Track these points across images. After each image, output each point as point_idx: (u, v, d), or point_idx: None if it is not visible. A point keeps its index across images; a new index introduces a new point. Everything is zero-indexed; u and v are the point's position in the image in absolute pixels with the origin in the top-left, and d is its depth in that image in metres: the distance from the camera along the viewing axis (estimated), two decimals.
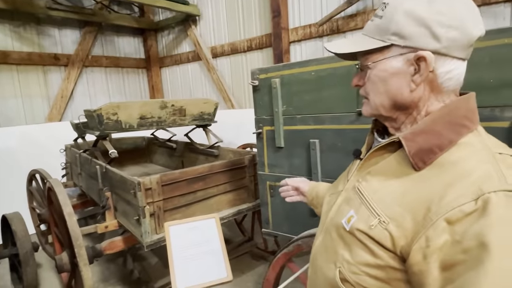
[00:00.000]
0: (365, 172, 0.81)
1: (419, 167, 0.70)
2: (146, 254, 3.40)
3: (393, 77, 0.73)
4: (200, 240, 1.66)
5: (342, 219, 0.80)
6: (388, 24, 0.70)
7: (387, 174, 0.75)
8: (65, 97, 4.70)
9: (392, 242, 0.67)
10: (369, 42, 0.74)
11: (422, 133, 0.71)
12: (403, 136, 0.72)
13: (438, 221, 0.61)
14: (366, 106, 0.82)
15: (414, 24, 0.68)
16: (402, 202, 0.68)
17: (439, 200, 0.62)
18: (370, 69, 0.75)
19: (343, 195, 0.86)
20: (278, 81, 1.81)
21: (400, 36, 0.70)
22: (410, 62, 0.71)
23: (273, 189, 1.99)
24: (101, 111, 2.45)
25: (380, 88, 0.75)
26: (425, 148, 0.69)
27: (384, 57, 0.73)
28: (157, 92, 5.85)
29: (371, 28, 0.75)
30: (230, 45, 4.63)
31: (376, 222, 0.70)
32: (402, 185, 0.71)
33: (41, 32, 4.51)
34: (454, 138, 0.69)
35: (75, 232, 1.90)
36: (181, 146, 3.80)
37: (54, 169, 3.73)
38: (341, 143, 1.65)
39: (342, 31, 3.51)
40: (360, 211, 0.76)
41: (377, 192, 0.75)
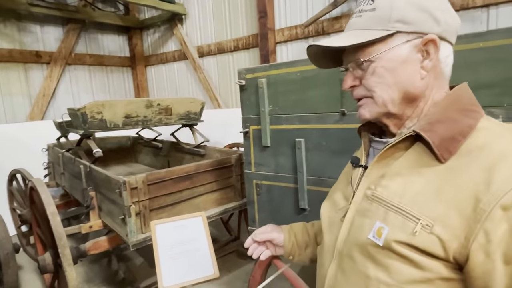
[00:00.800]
0: (377, 177, 0.74)
1: (444, 158, 0.65)
2: (131, 254, 3.37)
3: (403, 66, 0.69)
4: (186, 238, 1.67)
5: (365, 234, 0.70)
6: (389, 13, 0.68)
7: (408, 173, 0.69)
8: (47, 96, 4.60)
9: (442, 247, 0.60)
10: (369, 34, 0.69)
11: (439, 122, 0.67)
12: (421, 129, 0.68)
13: (493, 210, 0.55)
14: (369, 107, 0.75)
15: (416, 10, 0.67)
16: (441, 198, 0.62)
17: (487, 187, 0.57)
18: (373, 62, 0.70)
19: (353, 208, 0.77)
20: (265, 81, 1.84)
21: (404, 22, 0.67)
22: (418, 48, 0.69)
23: (260, 187, 2.01)
24: (85, 110, 2.42)
25: (389, 80, 0.70)
26: (448, 137, 0.65)
27: (390, 47, 0.69)
28: (143, 91, 5.79)
29: (364, 22, 0.71)
30: (216, 45, 4.63)
31: (418, 227, 0.61)
32: (432, 180, 0.65)
33: (22, 28, 4.39)
34: (472, 123, 0.66)
35: (58, 232, 1.87)
36: (167, 145, 3.78)
37: (36, 169, 3.65)
38: (326, 142, 1.69)
39: (327, 33, 3.57)
40: (390, 220, 0.67)
41: (404, 195, 0.67)
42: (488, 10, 2.81)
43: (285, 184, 1.89)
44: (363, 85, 0.74)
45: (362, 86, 0.74)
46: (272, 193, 1.97)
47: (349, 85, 0.77)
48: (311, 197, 1.80)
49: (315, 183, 1.76)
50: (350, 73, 0.76)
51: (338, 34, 0.76)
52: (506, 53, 1.21)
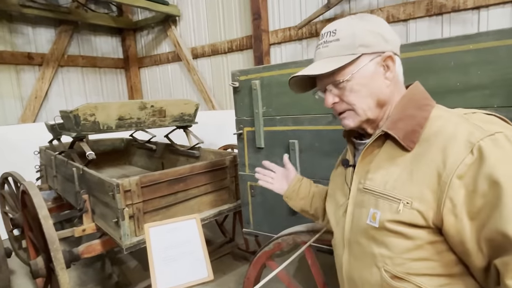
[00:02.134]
0: (364, 172, 0.89)
1: (410, 147, 0.79)
2: (125, 258, 3.34)
3: (372, 80, 0.85)
4: (180, 241, 1.66)
5: (364, 221, 0.85)
6: (353, 40, 0.84)
7: (386, 165, 0.84)
8: (39, 98, 4.56)
9: (423, 218, 0.74)
10: (341, 59, 0.84)
11: (399, 120, 0.83)
12: (387, 128, 0.83)
13: (452, 180, 0.69)
14: (352, 118, 0.90)
15: (372, 35, 0.84)
16: (414, 180, 0.76)
17: (444, 164, 0.71)
18: (349, 81, 0.85)
19: (351, 202, 0.91)
20: (258, 82, 1.84)
21: (366, 46, 0.84)
22: (380, 63, 0.86)
23: (254, 189, 2.01)
24: (78, 112, 2.40)
25: (364, 93, 0.86)
26: (409, 130, 0.80)
27: (359, 67, 0.85)
28: (136, 93, 5.76)
29: (332, 50, 0.87)
30: (210, 46, 4.63)
31: (401, 206, 0.76)
32: (405, 167, 0.79)
33: (14, 30, 4.35)
34: (426, 115, 0.82)
35: (51, 235, 1.85)
36: (161, 147, 3.76)
37: (28, 172, 3.60)
38: (319, 143, 1.70)
39: None
40: (380, 205, 0.81)
41: (387, 183, 0.81)
42: (479, 12, 2.85)
43: None
44: (343, 101, 0.89)
45: (342, 102, 0.89)
46: (266, 194, 1.97)
47: (331, 102, 0.91)
48: None
49: None
50: (329, 93, 0.90)
51: (312, 64, 0.90)
52: (495, 55, 1.23)
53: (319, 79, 0.92)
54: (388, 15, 3.13)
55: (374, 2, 3.24)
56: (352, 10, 3.38)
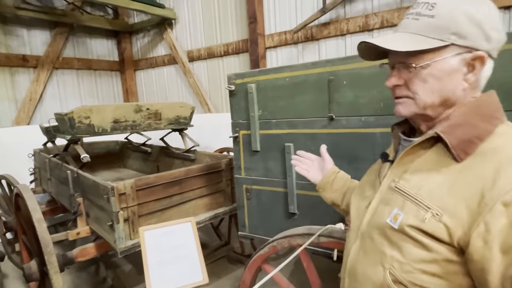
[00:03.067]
0: (401, 171, 0.82)
1: (461, 158, 0.72)
2: (120, 261, 3.32)
3: (449, 76, 0.74)
4: (175, 244, 1.66)
5: (384, 219, 0.80)
6: (448, 23, 0.71)
7: (428, 170, 0.77)
8: (33, 100, 4.53)
9: (448, 234, 0.68)
10: (425, 41, 0.73)
11: (459, 126, 0.74)
12: (441, 131, 0.74)
13: (495, 205, 0.63)
14: (408, 106, 0.80)
15: (472, 25, 0.70)
16: (453, 192, 0.70)
17: (492, 185, 0.64)
18: (423, 69, 0.75)
19: (378, 197, 0.86)
20: (254, 86, 1.85)
21: (460, 36, 0.71)
22: (466, 61, 0.73)
23: (250, 192, 2.02)
24: (73, 115, 2.39)
25: (434, 87, 0.75)
26: (465, 139, 0.72)
27: (441, 57, 0.73)
28: (132, 95, 5.74)
29: (420, 26, 0.74)
30: (206, 49, 4.64)
31: (428, 215, 0.70)
32: (448, 177, 0.72)
33: (8, 32, 4.32)
34: (490, 128, 0.73)
35: (45, 238, 1.84)
36: (156, 150, 3.75)
37: (22, 175, 3.57)
38: (314, 147, 1.71)
39: (316, 39, 3.61)
40: (406, 208, 0.76)
41: (422, 188, 0.75)
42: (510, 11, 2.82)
43: (274, 189, 1.90)
44: (407, 86, 0.79)
45: (405, 87, 0.79)
46: (261, 197, 1.98)
47: (393, 83, 0.81)
48: (300, 201, 1.81)
49: (304, 187, 1.78)
50: (396, 72, 0.81)
51: (392, 35, 0.78)
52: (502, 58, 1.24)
53: (393, 52, 0.80)
54: (382, 20, 3.17)
55: (369, 7, 3.27)
56: (347, 14, 3.41)
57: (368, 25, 3.24)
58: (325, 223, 1.48)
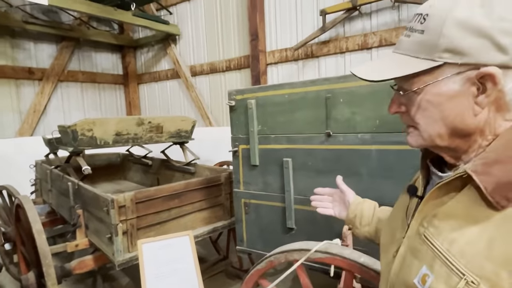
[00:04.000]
0: (430, 215, 0.66)
1: (501, 206, 0.55)
2: (117, 274, 3.30)
3: (451, 101, 0.60)
4: (173, 258, 1.66)
5: (412, 277, 0.66)
6: (437, 40, 0.58)
7: (461, 217, 0.61)
8: (37, 112, 4.59)
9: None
10: (413, 63, 0.61)
11: (497, 163, 0.57)
12: (473, 170, 0.58)
13: None
14: (415, 137, 0.68)
15: (472, 36, 0.55)
16: (491, 254, 0.54)
17: None
18: (417, 94, 0.63)
19: (406, 243, 0.72)
20: (254, 102, 1.90)
21: (455, 53, 0.57)
22: (472, 81, 0.58)
23: (248, 206, 2.03)
24: (76, 127, 2.43)
25: (434, 115, 0.62)
26: (506, 181, 0.55)
27: (436, 79, 0.60)
28: (134, 109, 5.81)
29: (410, 45, 0.63)
30: (209, 65, 4.73)
31: (462, 284, 0.56)
32: (485, 231, 0.57)
33: (16, 45, 4.43)
34: None
35: (44, 250, 1.85)
36: (157, 163, 3.78)
37: (23, 186, 3.59)
38: (312, 162, 1.74)
39: (316, 56, 3.69)
40: (436, 268, 0.61)
41: (453, 243, 0.60)
42: None
43: (273, 203, 1.92)
44: (409, 113, 0.67)
45: (408, 114, 0.68)
46: (260, 212, 1.99)
47: (394, 110, 0.70)
48: (298, 216, 1.82)
49: (302, 202, 1.79)
50: (397, 97, 0.69)
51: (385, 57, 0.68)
52: None
53: None
54: (381, 39, 3.24)
55: (367, 26, 3.35)
56: (346, 33, 3.49)
57: (366, 43, 3.31)
58: (322, 238, 1.49)
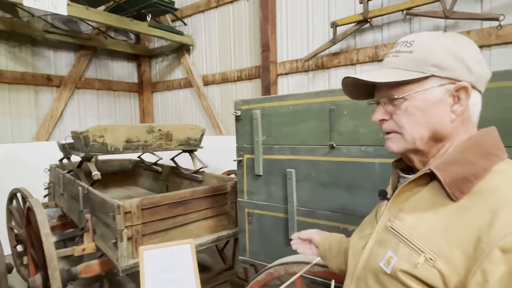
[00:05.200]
0: (396, 210, 0.79)
1: (456, 197, 0.68)
2: (123, 279, 3.33)
3: (435, 107, 0.74)
4: (174, 265, 1.67)
5: (378, 262, 0.76)
6: (426, 57, 0.73)
7: (423, 209, 0.73)
8: (54, 117, 4.73)
9: (443, 281, 0.63)
10: (406, 74, 0.75)
11: (454, 163, 0.71)
12: (435, 167, 0.72)
13: (492, 251, 0.58)
14: (397, 142, 0.79)
15: (452, 58, 0.72)
16: (447, 235, 0.65)
17: (489, 228, 0.60)
18: (406, 101, 0.75)
19: (374, 237, 0.83)
20: (259, 112, 1.91)
21: (440, 68, 0.73)
22: (450, 92, 0.73)
23: (251, 216, 2.03)
24: (88, 133, 2.50)
25: (419, 119, 0.75)
26: (460, 177, 0.69)
27: (424, 88, 0.74)
28: (148, 116, 5.93)
29: (401, 62, 0.77)
30: (221, 75, 4.79)
31: (421, 260, 0.66)
32: (442, 217, 0.69)
33: (36, 53, 4.61)
34: (488, 166, 0.70)
35: (50, 253, 1.89)
36: (166, 170, 3.83)
37: (37, 189, 3.70)
38: (315, 174, 1.73)
39: (326, 67, 3.69)
40: (399, 251, 0.72)
41: (415, 229, 0.71)
42: (481, 51, 2.90)
43: (275, 214, 1.91)
44: (393, 120, 0.79)
45: (392, 121, 0.80)
46: (263, 222, 1.99)
47: (379, 118, 0.82)
48: (301, 228, 1.81)
49: (305, 214, 1.78)
50: (382, 107, 0.81)
51: (375, 72, 0.81)
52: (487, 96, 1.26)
53: (378, 88, 0.82)
54: None
55: (378, 38, 3.35)
56: (357, 45, 3.49)
57: (377, 55, 3.30)
58: None
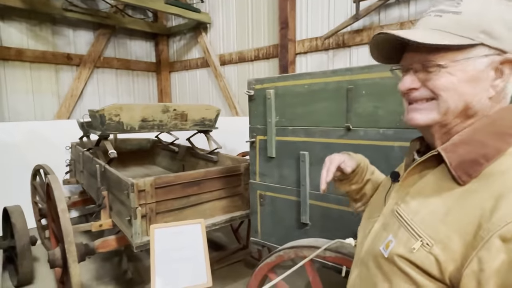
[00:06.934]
0: (404, 193, 0.75)
1: (463, 181, 0.63)
2: (141, 255, 3.43)
3: (475, 80, 0.65)
4: (183, 245, 1.68)
5: (379, 245, 0.73)
6: (477, 21, 0.63)
7: (428, 193, 0.69)
8: (74, 96, 4.83)
9: (438, 268, 0.60)
10: (452, 37, 0.64)
11: (463, 143, 0.65)
12: (442, 148, 0.67)
13: (491, 239, 0.54)
14: (427, 112, 0.70)
15: (505, 26, 0.63)
16: (447, 220, 0.61)
17: (491, 215, 0.56)
18: (446, 68, 0.66)
19: (381, 220, 0.79)
20: (273, 92, 1.84)
21: (490, 36, 0.63)
22: (494, 65, 0.64)
23: (263, 198, 2.01)
24: (104, 112, 2.51)
25: (457, 90, 0.66)
26: (469, 159, 0.63)
27: (467, 56, 0.64)
28: (165, 96, 5.95)
29: (445, 23, 0.66)
30: (238, 54, 4.70)
31: (418, 245, 0.63)
32: (446, 202, 0.64)
33: (56, 32, 4.66)
34: (502, 147, 0.62)
35: (66, 228, 1.95)
36: (183, 150, 3.85)
37: (59, 166, 3.82)
38: None
39: (347, 46, 3.53)
40: (399, 235, 0.69)
41: (418, 213, 0.68)
42: None
43: (288, 197, 1.88)
44: (426, 87, 0.69)
45: (424, 89, 0.70)
46: (275, 204, 1.96)
47: (408, 86, 0.71)
48: (313, 212, 1.77)
49: (317, 197, 1.73)
50: (412, 73, 0.71)
51: (412, 29, 0.71)
52: None
53: (410, 51, 0.72)
54: None
55: (405, 14, 3.15)
56: (381, 21, 3.30)
57: None
58: (336, 236, 1.43)
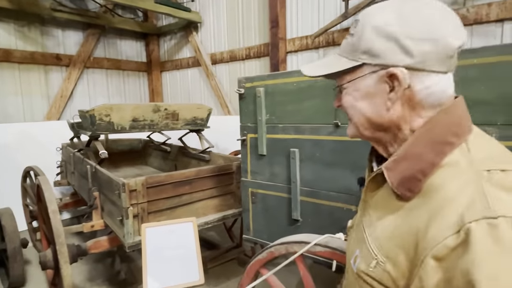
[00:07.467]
0: (367, 204, 0.77)
1: (407, 197, 0.64)
2: (134, 256, 3.42)
3: (367, 96, 0.69)
4: (175, 243, 1.69)
5: (351, 259, 0.76)
6: (358, 42, 0.67)
7: (382, 208, 0.71)
8: (64, 97, 4.77)
9: (394, 284, 0.63)
10: (341, 62, 0.71)
11: (403, 159, 0.66)
12: (385, 167, 0.68)
13: (426, 259, 0.55)
14: (350, 127, 0.77)
15: (383, 40, 0.64)
16: (395, 238, 0.64)
17: (424, 234, 0.57)
18: (345, 89, 0.72)
19: (354, 231, 0.82)
20: (263, 90, 1.86)
21: (370, 54, 0.66)
22: (383, 79, 0.66)
23: (255, 196, 2.02)
24: (94, 112, 2.50)
25: (356, 108, 0.71)
26: (408, 175, 0.64)
27: (356, 77, 0.69)
28: (157, 96, 5.92)
29: (344, 47, 0.72)
30: (229, 53, 4.70)
31: (374, 263, 0.66)
32: (395, 218, 0.66)
33: (45, 32, 4.60)
34: (436, 160, 0.62)
35: (57, 229, 1.94)
36: (175, 149, 3.84)
37: (50, 167, 3.78)
38: (319, 154, 1.68)
39: (337, 44, 3.56)
40: (363, 250, 0.71)
41: (376, 229, 0.70)
42: (502, 25, 2.74)
43: (279, 194, 1.89)
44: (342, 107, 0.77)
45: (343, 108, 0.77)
46: (266, 202, 1.97)
47: (335, 105, 0.79)
48: (304, 208, 1.79)
49: (308, 194, 1.75)
50: (338, 92, 0.78)
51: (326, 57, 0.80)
52: (500, 71, 1.18)
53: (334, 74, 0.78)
54: None
55: None
56: None
57: None
58: (328, 231, 1.46)
